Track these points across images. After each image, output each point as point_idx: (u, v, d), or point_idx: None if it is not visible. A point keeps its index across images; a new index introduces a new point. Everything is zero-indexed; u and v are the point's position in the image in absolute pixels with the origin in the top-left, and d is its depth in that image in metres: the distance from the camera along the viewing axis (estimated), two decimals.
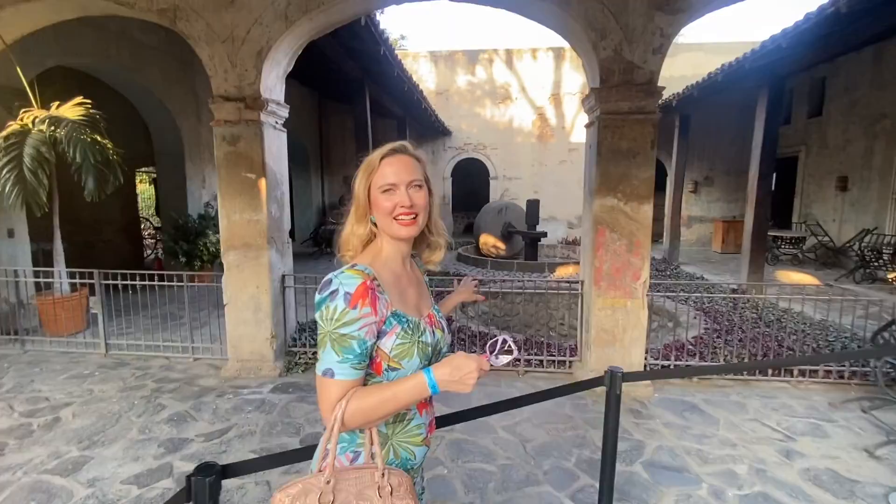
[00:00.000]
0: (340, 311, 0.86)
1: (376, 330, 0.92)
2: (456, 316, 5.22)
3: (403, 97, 8.00)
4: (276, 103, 3.67)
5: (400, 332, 0.95)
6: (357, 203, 1.01)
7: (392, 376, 0.94)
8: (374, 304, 0.90)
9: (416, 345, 0.96)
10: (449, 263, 9.45)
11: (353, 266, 0.93)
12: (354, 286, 0.88)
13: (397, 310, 0.96)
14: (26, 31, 3.98)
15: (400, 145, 1.03)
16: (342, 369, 0.88)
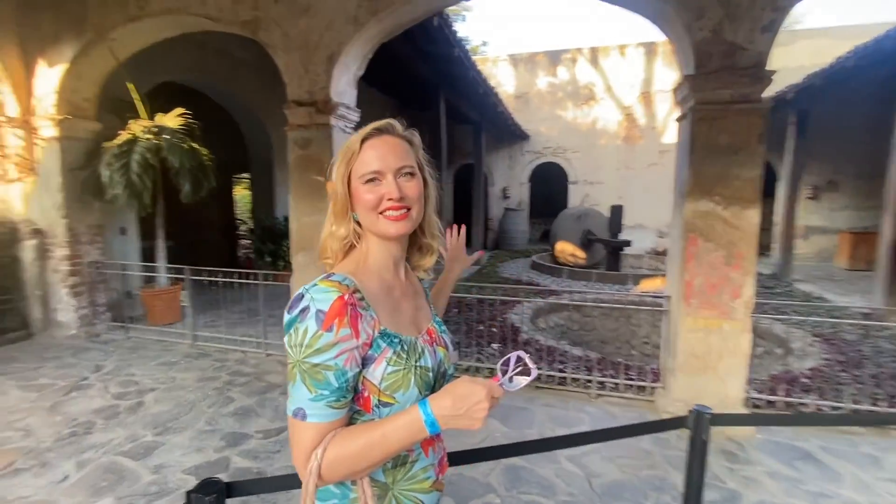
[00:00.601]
0: (312, 336, 0.69)
1: (360, 357, 0.74)
2: (524, 326, 4.92)
3: (479, 101, 7.87)
4: (345, 107, 3.70)
5: (391, 358, 0.77)
6: (335, 197, 0.84)
7: (385, 413, 0.76)
8: (354, 324, 0.72)
9: (413, 371, 0.78)
10: (522, 271, 9.13)
11: (329, 276, 0.76)
12: (328, 302, 0.70)
13: (387, 329, 0.79)
14: (135, 49, 4.43)
15: (386, 124, 0.84)
16: (316, 409, 0.70)
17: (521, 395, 3.40)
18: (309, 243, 3.73)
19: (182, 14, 3.86)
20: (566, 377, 3.48)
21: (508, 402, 3.29)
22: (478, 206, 9.96)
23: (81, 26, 4.16)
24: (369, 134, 0.83)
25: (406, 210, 0.81)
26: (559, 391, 3.45)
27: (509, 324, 4.98)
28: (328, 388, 0.70)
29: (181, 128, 4.86)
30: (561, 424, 3.02)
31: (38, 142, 4.48)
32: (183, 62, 6.17)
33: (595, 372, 3.49)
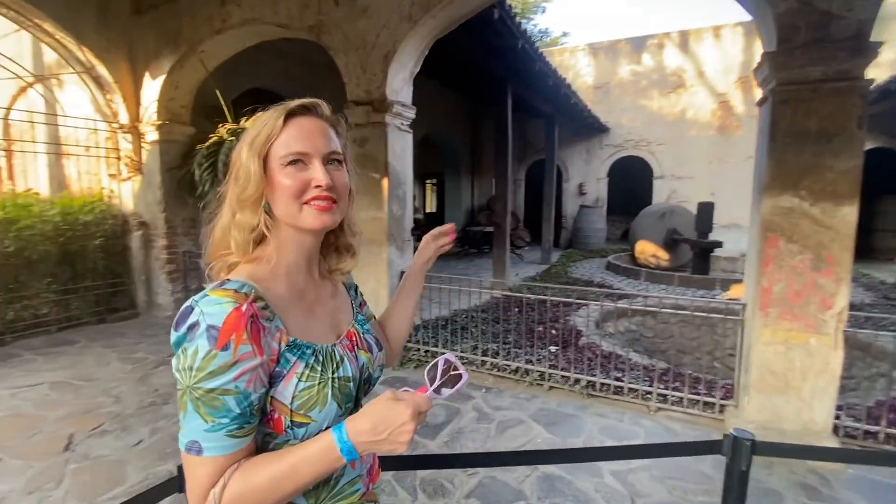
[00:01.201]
0: (204, 356, 0.59)
1: (265, 376, 0.64)
2: (587, 330, 4.66)
3: (551, 93, 7.59)
4: (401, 105, 3.76)
5: (303, 373, 0.68)
6: (244, 178, 0.70)
7: (300, 434, 0.68)
8: (256, 339, 0.62)
9: (330, 385, 0.69)
10: (595, 272, 8.68)
11: (223, 284, 0.65)
12: (222, 316, 0.60)
13: (297, 339, 0.69)
14: (222, 59, 4.88)
15: (313, 103, 0.74)
16: (214, 441, 0.60)
17: (571, 402, 3.22)
18: (365, 238, 3.83)
19: (258, 24, 4.18)
20: (623, 386, 3.23)
21: (556, 407, 3.14)
22: (548, 202, 9.63)
23: (177, 41, 4.67)
24: (294, 110, 0.72)
25: (333, 202, 0.72)
26: (615, 401, 3.22)
27: (571, 326, 4.75)
28: (228, 415, 0.60)
29: None
30: (612, 436, 2.81)
31: (144, 145, 5.13)
32: (268, 70, 6.69)
33: (658, 383, 3.20)
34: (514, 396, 3.33)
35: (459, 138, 12.59)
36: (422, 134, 10.83)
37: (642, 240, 9.00)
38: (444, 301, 4.14)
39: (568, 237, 12.54)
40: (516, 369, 3.59)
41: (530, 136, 12.75)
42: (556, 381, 3.43)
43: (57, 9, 4.43)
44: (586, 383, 3.33)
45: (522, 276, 8.00)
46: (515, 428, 2.88)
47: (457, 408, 3.14)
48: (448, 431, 2.83)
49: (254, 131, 0.71)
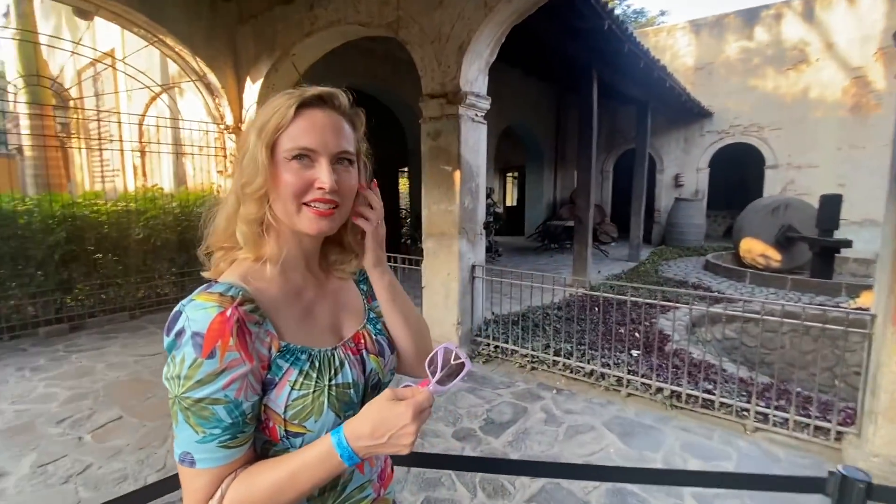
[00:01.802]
0: (190, 365, 0.56)
1: (257, 382, 0.61)
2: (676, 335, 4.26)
3: (642, 77, 7.02)
4: (475, 96, 3.70)
5: (296, 380, 0.63)
6: (251, 169, 0.65)
7: (297, 444, 0.64)
8: (243, 345, 0.59)
9: (326, 393, 0.64)
10: (690, 271, 7.94)
11: (209, 287, 0.61)
12: (206, 322, 0.57)
13: (290, 343, 0.65)
14: (311, 61, 5.17)
15: (330, 93, 0.68)
16: (207, 452, 0.58)
17: (651, 412, 2.96)
18: (438, 230, 3.87)
19: (342, 24, 4.35)
20: (714, 400, 2.89)
21: (633, 416, 2.91)
22: (638, 195, 8.97)
23: (273, 46, 5.03)
24: (308, 100, 0.66)
25: (335, 206, 0.66)
26: (703, 415, 2.90)
27: (657, 330, 4.38)
28: (219, 425, 0.57)
29: None
30: (697, 455, 2.53)
31: None
32: (354, 69, 6.99)
33: (757, 399, 2.81)
34: (587, 401, 3.14)
35: (542, 129, 12.21)
36: (503, 126, 10.67)
37: (749, 237, 8.02)
38: (517, 296, 4.04)
39: (661, 233, 11.61)
40: (591, 372, 3.39)
41: (620, 124, 11.96)
42: (635, 388, 3.17)
43: (176, 25, 5.00)
44: (670, 393, 3.03)
45: (606, 274, 7.56)
46: (586, 434, 2.71)
47: (524, 407, 3.04)
48: (513, 431, 2.75)
49: (263, 116, 0.66)
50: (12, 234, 4.36)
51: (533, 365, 3.64)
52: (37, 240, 4.51)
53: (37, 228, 4.52)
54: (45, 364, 3.76)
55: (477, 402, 3.10)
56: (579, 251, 6.82)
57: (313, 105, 0.66)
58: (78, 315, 4.80)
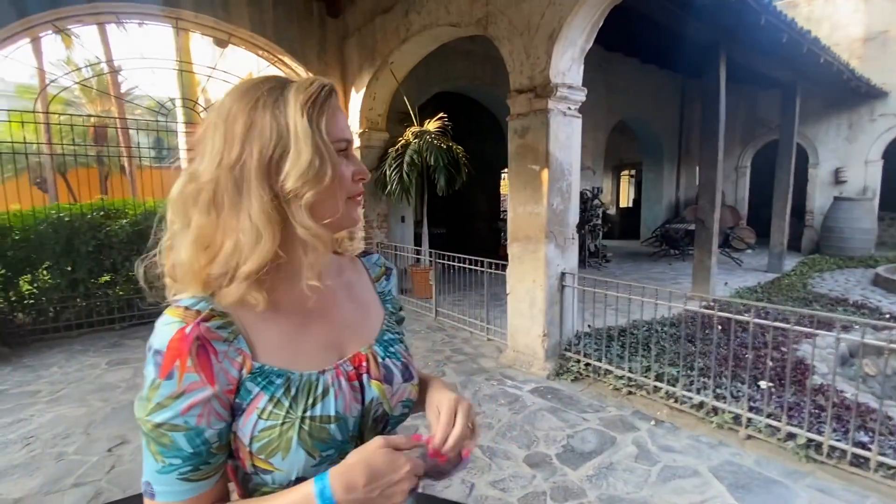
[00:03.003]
0: (150, 385, 0.51)
1: (225, 407, 0.55)
2: (823, 366, 3.46)
3: (787, 54, 5.87)
4: (567, 87, 3.39)
5: (265, 408, 0.55)
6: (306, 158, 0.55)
7: (268, 481, 0.56)
8: (205, 366, 0.52)
9: (297, 427, 0.55)
10: (853, 287, 6.50)
11: (179, 301, 0.56)
12: (166, 339, 0.52)
13: (265, 364, 0.57)
14: (409, 67, 5.28)
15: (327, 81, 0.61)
16: (166, 484, 0.52)
17: (777, 462, 2.39)
18: (523, 234, 3.64)
19: (434, 27, 4.35)
20: (870, 458, 2.23)
21: (752, 465, 2.37)
22: (781, 193, 7.59)
23: (373, 56, 5.25)
24: (331, 88, 0.60)
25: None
26: (851, 475, 2.25)
27: (797, 358, 3.60)
28: (179, 454, 0.52)
29: (438, 130, 5.54)
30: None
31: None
32: (453, 72, 7.02)
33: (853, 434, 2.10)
34: (692, 438, 2.66)
35: (662, 122, 11.04)
36: (614, 120, 9.89)
37: None
38: (624, 308, 3.56)
39: (814, 239, 9.71)
40: (700, 404, 2.86)
41: (761, 112, 10.30)
42: (757, 429, 2.60)
43: (292, 44, 5.49)
44: (806, 441, 2.41)
45: (736, 286, 6.50)
46: (686, 480, 2.28)
47: (613, 437, 2.68)
48: (596, 463, 2.42)
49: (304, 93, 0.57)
50: None
51: (630, 389, 3.21)
52: None
53: None
54: None
55: (558, 425, 2.81)
56: (700, 259, 5.96)
57: (334, 95, 0.62)
58: None
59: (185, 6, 4.82)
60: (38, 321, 4.62)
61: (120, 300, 4.97)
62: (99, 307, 4.86)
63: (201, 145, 0.58)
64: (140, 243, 5.07)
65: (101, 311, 4.87)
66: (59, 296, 4.67)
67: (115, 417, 2.97)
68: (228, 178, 0.55)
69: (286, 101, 0.56)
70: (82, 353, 4.20)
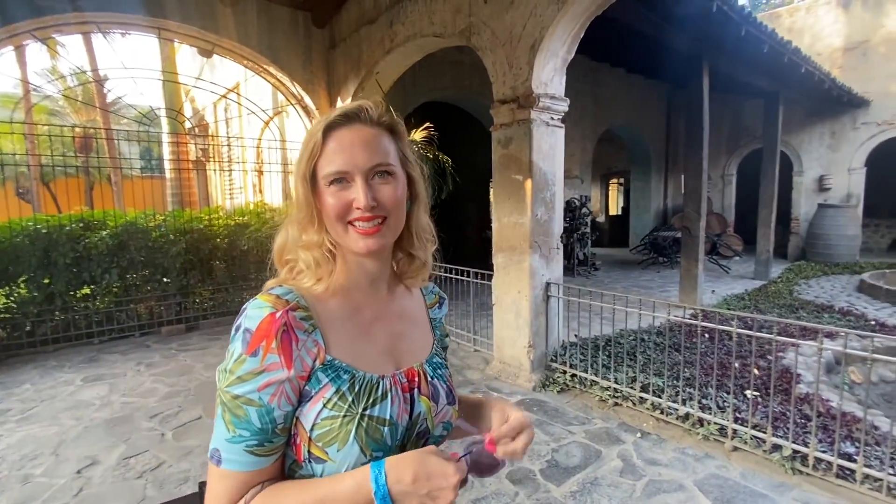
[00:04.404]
0: (236, 359, 0.58)
1: (293, 393, 0.60)
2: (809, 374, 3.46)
3: (768, 64, 5.96)
4: (549, 97, 3.39)
5: (331, 399, 0.61)
6: (297, 201, 0.69)
7: (318, 471, 0.61)
8: (286, 350, 0.59)
9: (357, 422, 0.61)
10: (838, 294, 6.55)
11: (271, 289, 0.65)
12: (257, 320, 0.58)
13: (336, 359, 0.63)
14: (394, 77, 5.27)
15: (356, 108, 0.67)
16: (234, 453, 0.58)
17: (763, 475, 2.36)
18: (508, 244, 3.61)
19: (418, 37, 4.35)
20: (856, 470, 2.20)
21: (738, 478, 2.34)
22: (766, 201, 7.67)
23: (358, 66, 5.24)
24: (334, 121, 0.66)
25: (381, 220, 0.66)
26: (837, 487, 2.22)
27: (782, 367, 3.60)
28: (249, 427, 0.57)
29: (424, 139, 5.52)
30: None
31: None
32: (440, 82, 7.03)
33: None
34: (678, 450, 2.62)
35: (650, 131, 11.16)
36: (602, 129, 9.97)
37: None
38: (609, 317, 3.52)
39: (799, 246, 9.82)
40: (686, 415, 2.83)
41: (745, 120, 10.45)
42: (743, 441, 2.57)
43: (277, 54, 5.46)
44: (792, 453, 2.39)
45: (723, 295, 6.52)
46: (671, 494, 2.24)
47: (598, 450, 2.63)
48: (580, 479, 2.37)
49: (301, 149, 0.68)
50: (145, 245, 5.07)
51: (616, 400, 3.17)
52: (164, 250, 5.20)
53: (164, 240, 5.21)
54: (157, 360, 4.26)
55: (543, 439, 2.76)
56: (688, 267, 5.98)
57: (340, 125, 0.66)
58: (194, 317, 5.41)
59: (170, 16, 4.78)
60: (12, 336, 4.49)
61: (99, 313, 4.86)
62: (77, 321, 4.75)
63: None
64: (121, 255, 5.06)
65: (79, 325, 4.75)
66: (35, 309, 4.55)
67: (86, 437, 2.87)
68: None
69: None
70: (57, 368, 4.09)
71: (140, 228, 5.10)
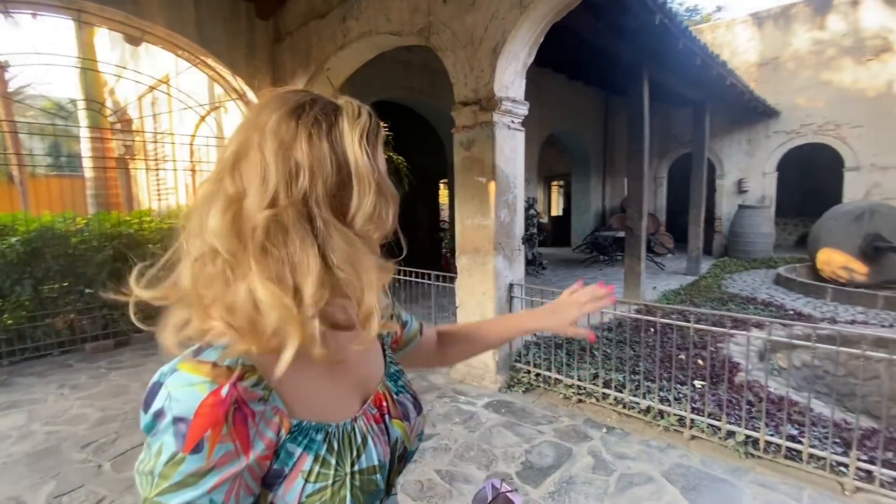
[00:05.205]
0: (167, 461, 0.42)
1: (256, 478, 0.47)
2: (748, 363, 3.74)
3: (699, 76, 6.45)
4: (511, 101, 3.42)
5: (311, 469, 0.49)
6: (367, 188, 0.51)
7: None
8: (241, 433, 0.45)
9: (349, 484, 0.51)
10: (759, 286, 7.18)
11: (199, 353, 0.47)
12: (194, 404, 0.43)
13: (303, 420, 0.51)
14: (346, 75, 5.09)
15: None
16: None
17: (721, 460, 2.51)
18: (471, 246, 3.60)
19: (374, 35, 4.23)
20: (802, 450, 2.40)
21: (699, 465, 2.48)
22: (696, 202, 8.28)
23: (308, 62, 5.01)
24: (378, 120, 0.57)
25: None
26: (787, 468, 2.42)
27: (723, 357, 3.87)
28: None
29: None
30: None
31: None
32: (391, 82, 6.91)
33: (858, 450, 2.30)
34: (642, 443, 2.73)
35: (589, 136, 11.68)
36: (546, 133, 10.28)
37: (828, 247, 7.15)
38: None
39: (722, 243, 10.71)
40: (648, 409, 2.96)
41: (674, 127, 11.23)
42: (700, 430, 2.73)
43: (217, 45, 5.09)
44: (744, 438, 2.56)
45: (662, 290, 6.96)
46: (642, 487, 2.32)
47: (569, 448, 2.68)
48: (556, 479, 2.40)
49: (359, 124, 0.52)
50: (63, 252, 4.53)
51: (580, 397, 3.26)
52: (87, 257, 4.67)
53: (87, 247, 4.68)
54: (84, 382, 3.81)
55: (514, 441, 2.77)
56: (631, 265, 6.30)
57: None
58: (124, 331, 4.91)
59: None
60: None
61: (8, 331, 4.27)
62: None
63: (240, 166, 0.49)
64: (35, 264, 4.48)
65: None
66: None
67: (6, 475, 2.49)
68: (300, 212, 0.48)
69: (341, 131, 0.51)
70: None
71: (58, 234, 4.55)
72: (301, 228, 0.48)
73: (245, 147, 0.49)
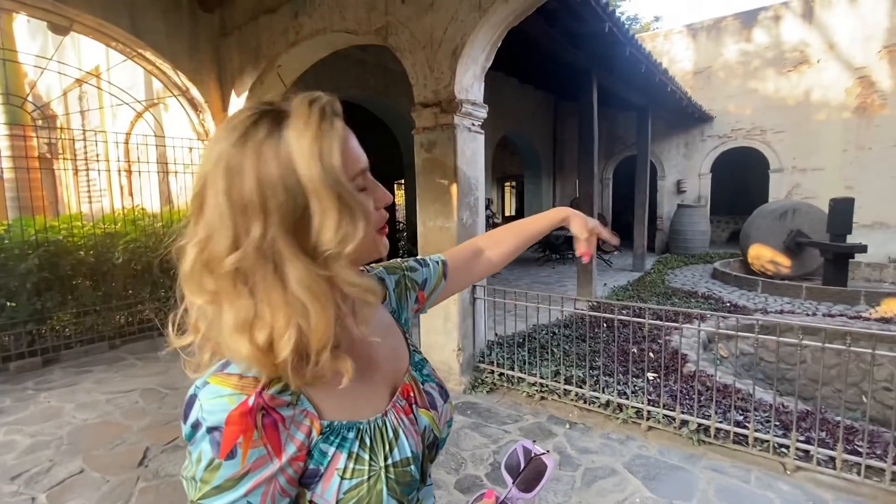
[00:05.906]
0: (206, 467, 0.45)
1: (291, 480, 0.49)
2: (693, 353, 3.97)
3: (643, 82, 6.80)
4: (471, 104, 3.44)
5: (345, 467, 0.51)
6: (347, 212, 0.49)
7: None
8: (272, 438, 0.48)
9: (384, 477, 0.52)
10: (698, 281, 7.66)
11: (225, 367, 0.49)
12: (223, 415, 0.45)
13: (333, 421, 0.52)
14: (298, 72, 4.93)
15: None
16: None
17: (677, 449, 2.65)
18: (434, 249, 3.58)
19: (328, 32, 4.11)
20: (748, 435, 2.58)
21: (657, 455, 2.60)
22: (640, 202, 8.73)
23: (257, 58, 4.80)
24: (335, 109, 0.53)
25: None
26: (736, 452, 2.59)
27: (671, 349, 4.08)
28: None
29: None
30: (735, 501, 2.22)
31: None
32: (345, 80, 6.77)
33: (796, 432, 2.50)
34: (604, 436, 2.83)
35: (540, 138, 12.01)
36: (499, 136, 10.45)
37: (758, 243, 7.76)
38: (522, 314, 3.71)
39: (664, 240, 11.35)
40: (607, 403, 3.08)
41: (619, 130, 11.77)
42: (656, 420, 2.86)
43: (156, 37, 4.76)
44: (697, 426, 2.72)
45: (612, 286, 7.27)
46: (607, 480, 2.40)
47: None
48: None
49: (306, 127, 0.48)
50: None
51: (542, 394, 3.33)
52: (8, 268, 4.22)
53: (8, 255, 4.23)
54: (10, 406, 3.45)
55: (482, 442, 2.79)
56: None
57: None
58: (53, 347, 4.48)
59: None
60: None
61: None
62: None
63: (204, 209, 0.48)
64: None
65: None
66: None
67: None
68: (257, 255, 0.47)
69: (289, 146, 0.47)
70: None
71: None
72: (262, 268, 0.47)
73: (203, 189, 0.48)
